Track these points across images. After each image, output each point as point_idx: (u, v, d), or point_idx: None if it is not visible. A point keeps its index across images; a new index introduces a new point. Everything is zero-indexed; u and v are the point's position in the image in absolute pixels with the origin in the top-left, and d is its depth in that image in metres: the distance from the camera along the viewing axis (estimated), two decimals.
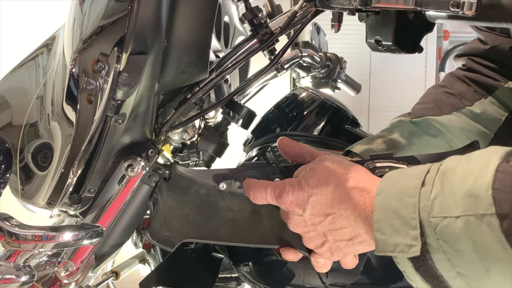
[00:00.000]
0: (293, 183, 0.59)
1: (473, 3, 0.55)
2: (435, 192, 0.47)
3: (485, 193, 0.43)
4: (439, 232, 0.46)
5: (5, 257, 0.77)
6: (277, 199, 0.60)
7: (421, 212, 0.47)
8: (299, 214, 0.59)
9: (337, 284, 0.83)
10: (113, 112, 0.63)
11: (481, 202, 0.43)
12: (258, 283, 0.89)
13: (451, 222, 0.45)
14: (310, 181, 0.58)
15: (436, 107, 0.79)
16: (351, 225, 0.55)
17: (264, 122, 1.10)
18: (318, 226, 0.58)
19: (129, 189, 0.76)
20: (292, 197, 0.58)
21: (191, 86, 0.73)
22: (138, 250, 1.15)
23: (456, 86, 0.82)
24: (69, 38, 0.72)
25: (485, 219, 0.43)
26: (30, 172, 0.76)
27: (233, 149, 0.93)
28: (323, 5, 0.66)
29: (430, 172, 0.49)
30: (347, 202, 0.55)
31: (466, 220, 0.44)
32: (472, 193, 0.44)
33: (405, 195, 0.49)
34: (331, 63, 1.26)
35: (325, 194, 0.56)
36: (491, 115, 0.78)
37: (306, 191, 0.57)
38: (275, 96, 1.15)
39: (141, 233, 1.11)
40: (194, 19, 0.65)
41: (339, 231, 0.56)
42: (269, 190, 0.60)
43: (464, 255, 0.45)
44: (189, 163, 0.85)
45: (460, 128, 0.77)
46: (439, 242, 0.46)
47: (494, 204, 0.42)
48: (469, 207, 0.44)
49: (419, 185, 0.48)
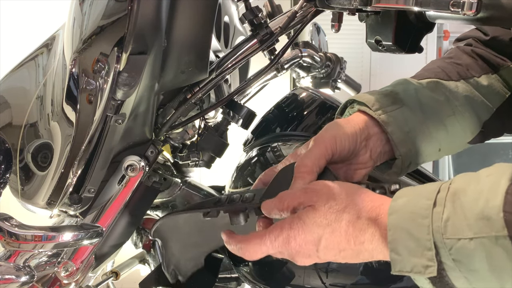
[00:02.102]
0: (296, 226, 0.56)
1: (473, 3, 0.55)
2: (447, 213, 0.48)
3: (496, 215, 0.44)
4: (454, 253, 0.47)
5: (5, 257, 0.77)
6: (283, 247, 0.57)
7: (435, 234, 0.48)
8: (312, 253, 0.57)
9: (337, 284, 0.83)
10: (113, 112, 0.63)
11: (493, 224, 0.44)
12: (258, 283, 0.89)
13: (465, 244, 0.46)
14: (317, 220, 0.55)
15: (443, 72, 0.77)
16: (368, 251, 0.54)
17: (264, 122, 1.10)
18: (332, 259, 0.57)
19: (129, 189, 0.76)
20: (301, 239, 0.56)
21: (191, 86, 0.73)
22: (138, 250, 1.15)
23: (464, 58, 0.80)
24: (69, 38, 0.71)
25: (498, 241, 0.44)
26: (30, 172, 0.76)
27: (233, 149, 0.93)
28: (323, 5, 0.66)
29: (441, 191, 0.50)
30: (364, 235, 0.54)
31: (480, 242, 0.45)
32: (483, 215, 0.45)
33: (417, 216, 0.49)
34: (331, 63, 1.26)
35: (339, 232, 0.55)
36: (496, 89, 0.77)
37: (316, 232, 0.55)
38: (275, 96, 1.15)
39: (141, 233, 1.11)
40: (194, 19, 0.65)
41: (355, 258, 0.56)
42: (269, 242, 0.58)
43: (479, 274, 0.46)
44: (189, 163, 0.84)
45: (466, 96, 0.75)
46: (455, 263, 0.47)
47: (507, 226, 0.43)
48: (481, 229, 0.45)
49: (431, 206, 0.49)
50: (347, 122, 0.67)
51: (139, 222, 0.97)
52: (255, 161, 1.00)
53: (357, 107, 0.71)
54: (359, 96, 0.72)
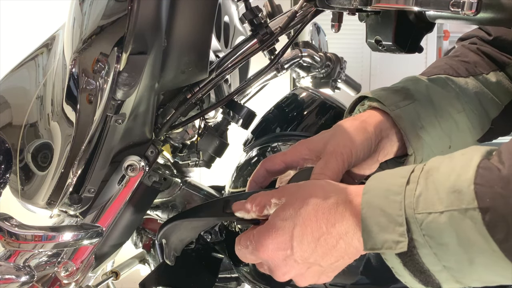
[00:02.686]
0: (264, 229, 0.56)
1: (473, 3, 0.55)
2: (420, 189, 0.48)
3: (467, 188, 0.45)
4: (424, 228, 0.47)
5: (5, 257, 0.77)
6: (257, 255, 0.56)
7: (407, 209, 0.48)
8: (287, 256, 0.55)
9: (337, 284, 0.83)
10: (113, 112, 0.63)
11: (464, 197, 0.45)
12: (258, 283, 0.89)
13: (436, 218, 0.46)
14: (285, 215, 0.55)
15: (451, 69, 0.77)
16: (343, 238, 0.53)
17: (264, 122, 1.10)
18: (311, 258, 0.54)
19: (129, 189, 0.76)
20: (272, 242, 0.55)
21: (191, 86, 0.73)
22: (138, 250, 1.15)
23: (471, 55, 0.80)
24: (69, 38, 0.71)
25: (468, 213, 0.44)
26: (30, 172, 0.76)
27: (233, 149, 0.93)
28: (323, 5, 0.66)
29: (415, 171, 0.50)
30: (334, 218, 0.53)
31: (450, 215, 0.45)
32: (455, 188, 0.46)
33: (390, 193, 0.50)
34: (331, 63, 1.26)
35: (309, 220, 0.53)
36: (505, 86, 0.77)
37: (285, 228, 0.54)
38: (275, 96, 1.15)
39: (141, 233, 1.11)
40: (194, 19, 0.65)
41: (333, 250, 0.53)
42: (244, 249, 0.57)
43: (448, 248, 0.46)
44: (189, 163, 0.85)
45: (475, 92, 0.75)
46: (425, 238, 0.47)
47: (477, 199, 0.44)
48: (452, 202, 0.46)
49: (404, 184, 0.50)
50: (360, 127, 0.66)
51: (139, 222, 0.97)
52: (255, 161, 1.00)
53: (368, 104, 0.70)
54: (370, 92, 0.71)
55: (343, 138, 0.64)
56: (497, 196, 0.43)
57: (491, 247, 0.44)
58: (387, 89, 0.72)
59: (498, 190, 0.43)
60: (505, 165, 0.44)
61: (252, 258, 0.58)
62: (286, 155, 0.66)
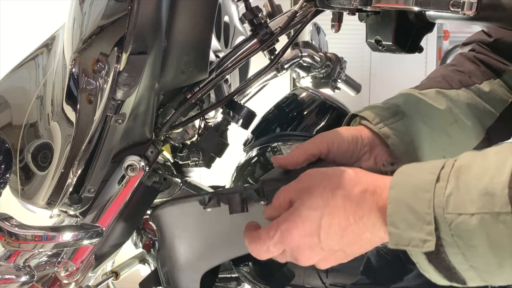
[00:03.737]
0: (292, 217, 0.56)
1: (473, 3, 0.55)
2: (450, 188, 0.47)
3: (501, 191, 0.44)
4: (453, 228, 0.46)
5: (5, 257, 0.77)
6: (282, 243, 0.56)
7: (436, 208, 0.47)
8: (314, 244, 0.55)
9: (337, 284, 0.83)
10: (113, 112, 0.63)
11: (497, 200, 0.44)
12: (258, 283, 0.89)
13: (466, 219, 0.45)
14: (313, 203, 0.55)
15: (444, 81, 0.78)
16: (369, 230, 0.53)
17: (264, 122, 1.10)
18: (336, 246, 0.55)
19: (129, 189, 0.76)
20: (299, 231, 0.55)
21: (191, 86, 0.73)
22: (138, 250, 1.15)
23: (466, 65, 0.81)
24: (69, 38, 0.71)
25: (500, 217, 0.44)
26: (30, 172, 0.76)
27: (233, 149, 0.93)
28: (323, 5, 0.66)
29: (445, 167, 0.49)
30: (362, 210, 0.53)
31: (481, 217, 0.45)
32: (487, 191, 0.45)
33: (419, 190, 0.49)
34: (331, 63, 1.26)
35: (337, 209, 0.54)
36: (498, 95, 0.78)
37: (313, 217, 0.54)
38: (275, 96, 1.15)
39: (141, 233, 1.11)
40: (194, 19, 0.65)
41: (359, 240, 0.54)
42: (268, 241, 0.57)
43: (478, 250, 0.46)
44: (189, 163, 0.84)
45: (467, 104, 0.75)
46: (454, 238, 0.46)
47: (510, 203, 0.43)
48: (484, 205, 0.45)
49: (434, 180, 0.48)
50: (351, 129, 0.69)
51: (139, 222, 0.96)
52: (255, 161, 1.00)
53: (359, 121, 0.72)
54: (360, 111, 0.73)
55: (333, 131, 0.67)
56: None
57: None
58: (377, 106, 0.73)
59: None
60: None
61: (274, 250, 0.57)
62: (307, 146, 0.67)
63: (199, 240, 0.69)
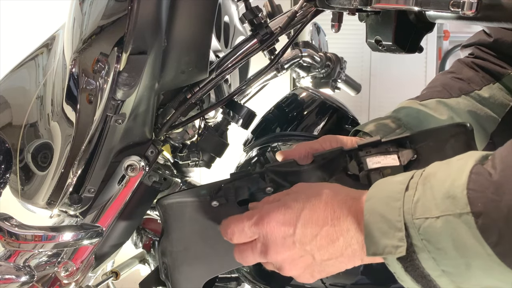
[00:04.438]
0: (275, 204, 0.58)
1: (473, 3, 0.55)
2: (418, 195, 0.50)
3: (461, 193, 0.46)
4: (422, 233, 0.48)
5: (5, 257, 0.77)
6: (258, 226, 0.57)
7: (406, 215, 0.49)
8: (288, 235, 0.56)
9: (337, 284, 0.83)
10: (113, 112, 0.63)
11: (458, 202, 0.46)
12: (258, 283, 0.89)
13: (432, 223, 0.48)
14: (297, 197, 0.57)
15: (444, 90, 0.80)
16: (343, 235, 0.54)
17: (264, 122, 1.10)
18: (308, 245, 0.56)
19: (129, 189, 0.76)
20: (278, 217, 0.56)
21: (191, 86, 0.73)
22: (138, 250, 1.15)
23: (465, 71, 0.83)
24: (69, 38, 0.71)
25: (462, 217, 0.46)
26: (30, 172, 0.76)
27: (233, 149, 0.93)
28: (323, 5, 0.66)
29: (414, 177, 0.52)
30: (341, 211, 0.55)
31: (446, 219, 0.47)
32: (449, 194, 0.47)
33: (391, 200, 0.51)
34: (331, 63, 1.26)
35: (318, 207, 0.56)
36: (499, 99, 0.79)
37: (295, 208, 0.56)
38: (275, 96, 1.15)
39: (141, 233, 1.11)
40: (194, 19, 0.65)
41: (331, 246, 0.55)
42: (246, 220, 0.58)
43: (446, 253, 0.48)
44: (189, 163, 0.84)
45: (468, 111, 0.77)
46: (423, 242, 0.48)
47: (469, 203, 0.45)
48: (447, 207, 0.47)
49: (403, 190, 0.51)
50: (354, 138, 0.72)
51: (139, 222, 0.96)
52: (255, 161, 1.00)
53: (362, 136, 0.74)
54: (363, 126, 0.76)
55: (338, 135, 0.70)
56: (489, 200, 0.44)
57: (486, 251, 0.45)
58: (379, 120, 0.76)
59: (489, 195, 0.45)
60: (497, 170, 0.46)
61: (248, 232, 0.59)
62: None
63: (205, 244, 0.68)
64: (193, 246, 0.68)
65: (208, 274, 0.69)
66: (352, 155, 0.64)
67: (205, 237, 0.68)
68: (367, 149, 0.62)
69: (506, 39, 0.79)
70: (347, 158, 0.64)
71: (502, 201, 0.44)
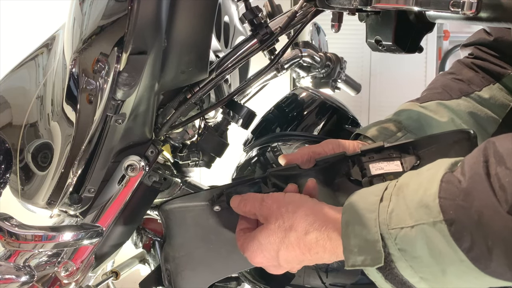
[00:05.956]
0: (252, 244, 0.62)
1: (473, 3, 0.55)
2: (392, 206, 0.51)
3: (433, 202, 0.47)
4: (398, 242, 0.49)
5: (5, 257, 0.77)
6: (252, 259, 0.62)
7: (381, 226, 0.50)
8: (273, 265, 0.62)
9: (337, 284, 0.83)
10: (113, 112, 0.63)
11: (431, 211, 0.47)
12: (258, 283, 0.89)
13: (407, 232, 0.49)
14: (270, 239, 0.60)
15: (444, 92, 0.80)
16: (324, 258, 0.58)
17: (264, 122, 1.10)
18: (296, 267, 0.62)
19: (129, 189, 0.76)
20: (260, 257, 0.61)
21: (191, 86, 0.73)
22: (138, 250, 1.15)
23: (464, 72, 0.83)
24: (69, 38, 0.71)
25: (436, 226, 0.47)
26: (30, 172, 0.76)
27: (233, 149, 0.93)
28: (323, 5, 0.66)
29: (388, 188, 0.53)
30: (316, 248, 0.57)
31: (420, 228, 0.48)
32: (422, 203, 0.48)
33: (366, 211, 0.52)
34: (331, 63, 1.26)
35: (292, 247, 0.59)
36: (499, 100, 0.79)
37: (271, 250, 0.60)
38: (275, 96, 1.15)
39: (141, 233, 1.11)
40: (194, 19, 0.65)
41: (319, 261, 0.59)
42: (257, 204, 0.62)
43: (422, 260, 0.49)
44: (189, 163, 0.84)
45: (469, 112, 0.78)
46: (400, 252, 0.49)
47: (442, 212, 0.46)
48: (421, 216, 0.48)
49: (378, 201, 0.52)
50: (355, 142, 0.73)
51: (139, 222, 0.96)
52: (255, 161, 1.00)
53: (363, 140, 0.75)
54: (364, 130, 0.77)
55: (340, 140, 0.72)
56: (459, 208, 0.45)
57: (459, 257, 0.46)
58: (380, 124, 0.76)
59: (459, 202, 0.46)
60: (466, 177, 0.46)
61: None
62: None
63: (207, 248, 0.68)
64: (196, 251, 0.68)
65: (211, 278, 0.69)
66: (355, 160, 0.63)
67: (208, 241, 0.68)
68: (370, 155, 0.62)
69: (507, 38, 0.79)
70: (350, 163, 0.64)
71: (472, 207, 0.45)
